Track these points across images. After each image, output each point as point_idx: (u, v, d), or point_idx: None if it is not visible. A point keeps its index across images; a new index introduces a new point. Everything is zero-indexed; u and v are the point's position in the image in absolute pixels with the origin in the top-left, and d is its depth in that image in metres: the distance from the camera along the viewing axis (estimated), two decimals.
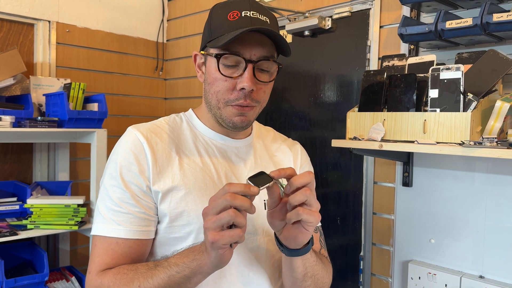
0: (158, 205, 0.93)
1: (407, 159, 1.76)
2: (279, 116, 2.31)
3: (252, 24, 0.90)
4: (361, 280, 1.96)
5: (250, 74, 0.90)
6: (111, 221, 0.91)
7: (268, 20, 0.93)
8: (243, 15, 0.91)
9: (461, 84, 1.32)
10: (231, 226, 0.74)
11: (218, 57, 0.91)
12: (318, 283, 0.99)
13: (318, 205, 0.80)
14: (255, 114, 0.98)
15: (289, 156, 1.13)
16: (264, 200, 0.99)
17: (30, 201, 2.07)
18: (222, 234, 0.72)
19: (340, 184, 2.06)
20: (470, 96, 1.32)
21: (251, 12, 0.91)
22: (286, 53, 0.96)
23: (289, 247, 0.86)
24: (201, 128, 1.04)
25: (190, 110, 1.09)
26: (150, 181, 0.92)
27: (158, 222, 0.94)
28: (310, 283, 0.96)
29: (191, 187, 0.94)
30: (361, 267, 1.95)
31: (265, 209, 0.76)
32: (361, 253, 1.96)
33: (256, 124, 1.15)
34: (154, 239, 0.95)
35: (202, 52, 0.98)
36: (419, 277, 1.70)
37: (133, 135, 0.96)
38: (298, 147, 1.17)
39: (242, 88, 0.91)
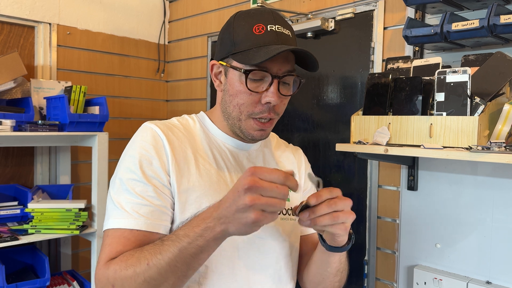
0: (176, 202, 0.92)
1: (412, 162, 1.73)
2: (281, 118, 2.26)
3: (279, 39, 0.92)
4: (365, 285, 1.93)
5: (275, 89, 0.93)
6: (131, 213, 0.87)
7: (290, 34, 0.96)
8: (268, 29, 0.92)
9: (468, 87, 1.29)
10: None
11: (247, 73, 0.91)
12: (343, 279, 1.06)
13: (350, 218, 0.83)
14: (273, 126, 1.01)
15: (293, 162, 1.15)
16: (289, 208, 1.05)
17: (31, 205, 2.06)
18: (266, 215, 0.72)
19: (344, 187, 2.03)
20: (477, 99, 1.29)
21: (276, 26, 0.93)
22: (313, 68, 0.99)
23: (331, 245, 0.91)
24: (214, 131, 1.04)
25: (202, 112, 1.09)
26: (170, 176, 0.92)
27: (173, 221, 0.93)
28: (339, 278, 1.03)
29: (206, 189, 0.93)
30: (366, 272, 1.93)
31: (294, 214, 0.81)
32: (366, 258, 1.93)
33: None
34: None
35: (223, 63, 0.97)
36: (425, 282, 1.68)
37: (151, 130, 0.95)
38: (301, 154, 1.20)
39: (268, 102, 0.93)
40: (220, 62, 0.98)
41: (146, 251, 0.82)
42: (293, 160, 1.15)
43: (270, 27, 0.92)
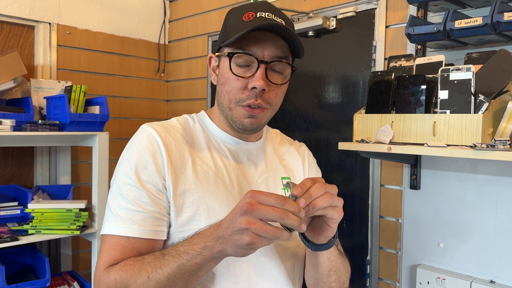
0: (172, 206, 0.91)
1: (415, 161, 1.73)
2: (283, 118, 2.28)
3: (266, 22, 0.90)
4: (368, 284, 1.92)
5: (262, 73, 0.90)
6: (125, 220, 0.88)
7: (283, 23, 0.92)
8: (258, 16, 0.91)
9: (472, 85, 1.29)
10: None
11: (230, 55, 0.91)
12: (341, 278, 1.00)
13: (341, 202, 0.78)
14: (266, 117, 0.97)
15: (297, 159, 1.13)
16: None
17: (31, 206, 2.05)
18: (261, 239, 0.71)
19: (346, 186, 2.03)
20: (481, 97, 1.28)
21: (266, 13, 0.92)
22: (299, 54, 0.96)
23: (316, 243, 0.86)
24: (214, 130, 1.03)
25: (203, 111, 1.07)
26: (166, 180, 0.91)
27: (169, 225, 0.92)
28: (335, 278, 0.98)
29: (203, 191, 0.92)
30: (368, 272, 1.92)
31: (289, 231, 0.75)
32: (368, 257, 1.92)
33: (265, 127, 1.13)
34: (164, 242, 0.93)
35: (217, 53, 0.98)
36: (428, 282, 1.67)
37: (147, 133, 0.94)
38: (305, 149, 1.17)
39: (254, 88, 0.91)
40: (217, 54, 0.99)
41: (147, 263, 0.83)
42: (297, 157, 1.13)
43: (260, 14, 0.92)
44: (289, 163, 1.11)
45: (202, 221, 0.90)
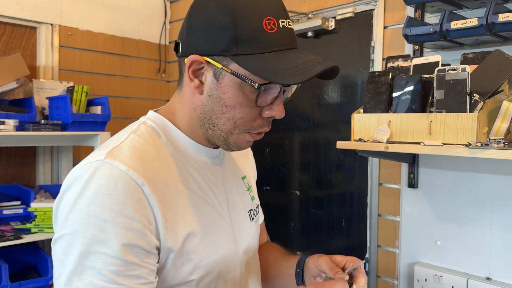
0: (171, 262, 0.75)
1: (412, 160, 1.75)
2: (282, 118, 2.30)
3: (292, 39, 0.77)
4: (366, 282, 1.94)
5: (282, 102, 0.79)
6: None
7: (293, 27, 0.80)
8: (281, 26, 0.74)
9: (467, 85, 1.31)
10: None
11: (261, 88, 0.73)
12: None
13: None
14: None
15: (246, 156, 1.06)
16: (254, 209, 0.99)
17: (34, 205, 2.07)
18: None
19: (344, 185, 2.05)
20: (476, 97, 1.31)
21: (287, 21, 0.76)
22: (331, 77, 0.84)
23: None
24: (185, 143, 0.84)
25: (159, 116, 0.85)
26: (160, 237, 0.72)
27: (159, 272, 0.76)
28: None
29: (203, 229, 0.80)
30: (367, 270, 1.94)
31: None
32: (367, 255, 1.95)
33: None
34: None
35: (214, 62, 0.74)
36: (425, 279, 1.69)
37: (123, 174, 0.70)
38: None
39: (271, 117, 0.79)
40: (208, 59, 0.74)
41: None
42: (245, 153, 1.06)
43: (282, 22, 0.74)
44: (240, 159, 1.02)
45: (209, 265, 0.80)
